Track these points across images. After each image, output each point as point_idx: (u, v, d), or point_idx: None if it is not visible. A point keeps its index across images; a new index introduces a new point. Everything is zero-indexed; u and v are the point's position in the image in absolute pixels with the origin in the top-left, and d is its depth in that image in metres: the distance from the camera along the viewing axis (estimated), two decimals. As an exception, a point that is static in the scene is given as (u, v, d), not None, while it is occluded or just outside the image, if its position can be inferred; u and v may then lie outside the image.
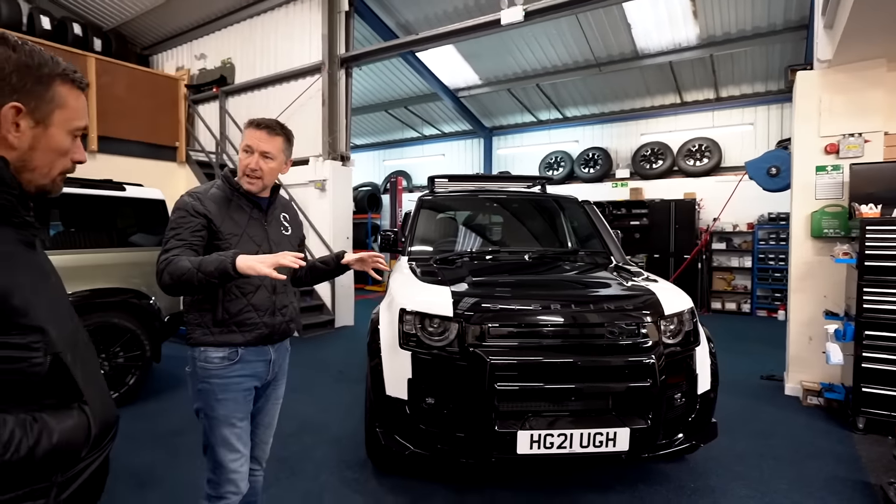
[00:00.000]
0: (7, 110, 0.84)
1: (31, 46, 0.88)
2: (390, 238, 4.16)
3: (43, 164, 0.91)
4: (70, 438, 0.84)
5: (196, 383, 1.80)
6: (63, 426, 0.83)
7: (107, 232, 4.39)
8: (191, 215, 1.75)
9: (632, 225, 9.82)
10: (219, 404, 1.78)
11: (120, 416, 1.05)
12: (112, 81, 7.16)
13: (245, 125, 1.88)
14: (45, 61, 0.89)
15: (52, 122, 0.91)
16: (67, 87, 0.92)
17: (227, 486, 1.81)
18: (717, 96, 9.72)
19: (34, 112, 0.88)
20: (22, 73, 0.86)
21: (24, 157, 0.89)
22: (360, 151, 14.67)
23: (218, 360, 1.78)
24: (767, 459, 3.23)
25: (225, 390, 1.79)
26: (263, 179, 1.85)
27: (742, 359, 5.81)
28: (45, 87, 0.89)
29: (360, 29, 8.68)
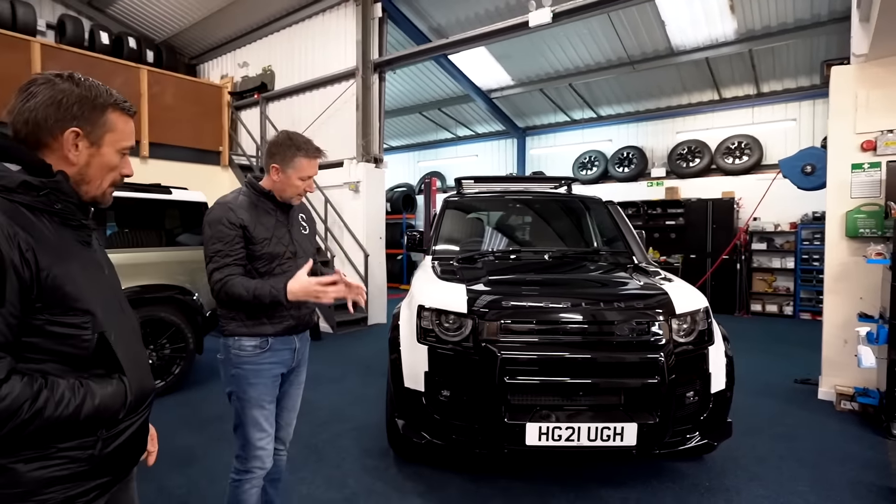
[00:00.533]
0: (68, 134, 1.04)
1: (90, 82, 1.08)
2: (416, 238, 4.32)
3: (96, 177, 1.10)
4: (109, 403, 1.03)
5: (229, 369, 1.97)
6: (104, 392, 1.02)
7: (156, 232, 4.74)
8: (227, 228, 1.90)
9: (667, 225, 9.67)
10: (250, 388, 1.96)
11: (155, 389, 1.24)
12: (161, 91, 7.65)
13: (299, 154, 1.96)
14: (100, 93, 1.08)
15: (104, 143, 1.09)
16: (117, 114, 1.11)
17: (254, 462, 1.98)
18: (757, 91, 9.42)
19: (90, 135, 1.07)
20: (82, 104, 1.05)
21: (82, 171, 1.08)
22: (395, 153, 14.96)
23: (250, 349, 1.95)
24: (789, 462, 3.19)
25: (256, 375, 1.96)
26: None
27: (778, 362, 5.67)
28: (99, 115, 1.08)
29: (394, 34, 8.91)
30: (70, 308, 0.99)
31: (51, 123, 1.02)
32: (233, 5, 9.24)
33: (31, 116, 1.01)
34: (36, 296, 0.95)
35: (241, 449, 2.00)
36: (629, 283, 3.02)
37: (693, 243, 9.37)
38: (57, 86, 1.02)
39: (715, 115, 9.94)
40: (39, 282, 0.95)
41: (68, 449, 0.99)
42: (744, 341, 6.82)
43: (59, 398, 0.94)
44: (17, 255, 0.91)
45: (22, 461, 0.94)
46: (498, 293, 2.83)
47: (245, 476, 1.99)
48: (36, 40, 6.89)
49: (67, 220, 1.05)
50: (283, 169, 1.98)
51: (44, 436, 0.95)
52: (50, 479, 0.97)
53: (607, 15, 7.75)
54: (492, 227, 4.66)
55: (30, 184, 0.97)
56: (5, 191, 0.95)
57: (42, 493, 0.96)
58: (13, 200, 0.95)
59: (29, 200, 0.98)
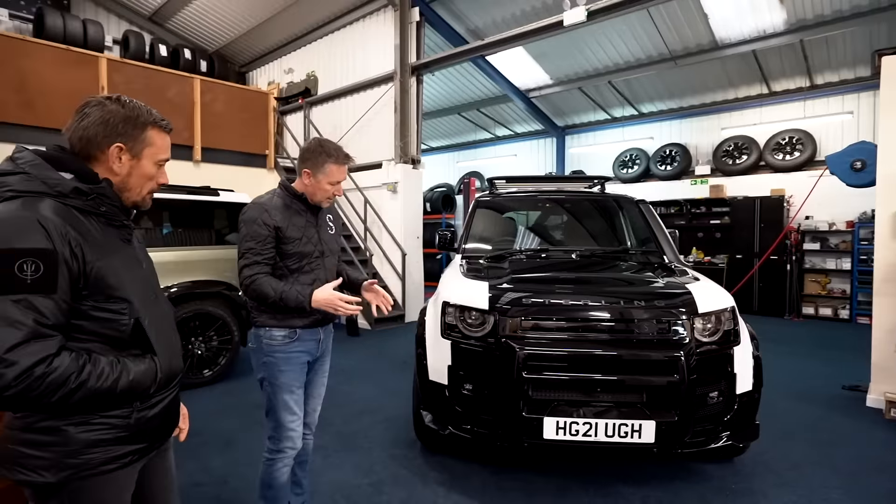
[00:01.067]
0: (113, 149, 1.21)
1: (133, 103, 1.25)
2: (447, 237, 4.43)
3: (136, 186, 1.27)
4: (141, 379, 1.19)
5: (261, 357, 2.13)
6: (138, 369, 1.19)
7: (205, 231, 5.08)
8: (261, 228, 2.04)
9: (712, 224, 9.37)
10: (281, 374, 2.11)
11: (183, 370, 1.41)
12: (213, 98, 8.11)
13: (329, 161, 2.09)
14: (141, 113, 1.25)
15: (144, 156, 1.26)
16: (156, 131, 1.27)
17: (285, 443, 2.14)
18: (810, 84, 8.97)
19: (131, 150, 1.24)
20: (126, 122, 1.22)
21: (124, 181, 1.25)
22: (434, 154, 15.14)
23: (280, 338, 2.11)
24: (824, 468, 3.09)
25: (286, 362, 2.12)
26: None
27: (826, 366, 5.43)
28: (140, 132, 1.24)
29: (431, 37, 9.06)
30: (111, 296, 1.16)
31: (100, 139, 1.19)
32: (279, 14, 9.66)
33: (84, 133, 1.19)
34: (83, 285, 1.12)
35: (273, 431, 2.15)
36: (653, 282, 3.01)
37: (739, 243, 9.03)
38: (106, 107, 1.20)
39: (763, 110, 9.53)
40: (86, 273, 1.12)
41: (109, 417, 1.17)
42: (790, 345, 6.55)
43: (100, 372, 1.11)
44: (67, 251, 1.08)
45: (72, 424, 1.12)
46: (520, 291, 2.90)
47: (277, 455, 2.15)
48: (103, 56, 7.46)
49: (111, 220, 1.22)
50: (314, 174, 2.11)
51: (87, 404, 1.11)
52: (95, 441, 1.15)
53: (646, 10, 7.60)
54: (522, 226, 4.71)
55: (80, 190, 1.15)
56: (60, 196, 1.12)
57: (88, 452, 1.14)
58: (66, 204, 1.13)
59: (79, 204, 1.15)
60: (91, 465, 1.14)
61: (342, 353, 5.98)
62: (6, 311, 1.00)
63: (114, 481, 1.19)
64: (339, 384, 4.80)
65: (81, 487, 1.14)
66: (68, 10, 9.81)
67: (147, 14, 10.65)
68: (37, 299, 1.03)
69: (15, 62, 6.65)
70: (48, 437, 1.11)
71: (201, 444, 3.37)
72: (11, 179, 1.10)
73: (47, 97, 6.88)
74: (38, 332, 1.03)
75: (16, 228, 1.03)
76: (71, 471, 1.12)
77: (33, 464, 1.10)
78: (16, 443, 1.12)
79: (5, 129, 6.67)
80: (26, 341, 1.01)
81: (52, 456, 1.11)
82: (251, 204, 2.13)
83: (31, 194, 1.09)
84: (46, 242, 1.05)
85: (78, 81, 7.14)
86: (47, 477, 1.11)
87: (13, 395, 0.99)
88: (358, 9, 8.90)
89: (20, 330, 1.00)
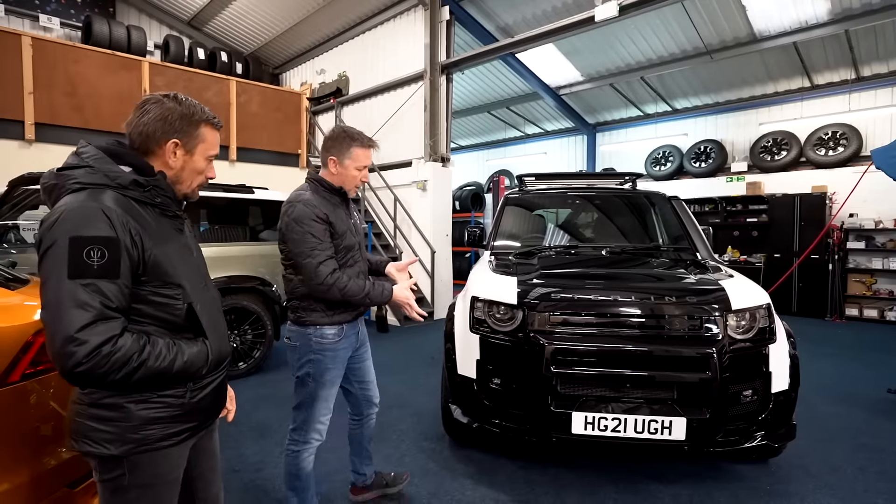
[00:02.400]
0: (170, 144, 1.29)
1: (189, 101, 1.33)
2: (476, 234, 4.45)
3: (188, 179, 1.36)
4: (194, 360, 1.28)
5: (307, 354, 2.14)
6: (191, 351, 1.27)
7: (241, 228, 5.24)
8: (318, 222, 2.03)
9: (748, 222, 9.10)
10: (328, 371, 2.17)
11: (231, 354, 1.49)
12: (248, 100, 8.36)
13: (354, 144, 2.11)
14: (196, 111, 1.33)
15: (196, 151, 1.34)
16: (208, 128, 1.35)
17: (313, 434, 2.21)
18: (856, 76, 8.60)
19: (186, 145, 1.32)
20: (182, 119, 1.30)
21: (177, 174, 1.33)
22: (464, 152, 15.17)
23: (331, 336, 2.15)
24: (868, 473, 2.98)
25: (334, 360, 2.18)
26: None
27: (870, 370, 5.21)
28: (194, 129, 1.32)
29: (461, 35, 9.08)
30: (166, 282, 1.24)
31: (158, 135, 1.28)
32: (311, 17, 9.85)
33: (144, 129, 1.27)
34: (141, 271, 1.20)
35: (302, 423, 2.21)
36: (684, 279, 2.97)
37: (778, 242, 8.74)
38: (164, 105, 1.28)
39: (805, 104, 9.19)
40: (144, 260, 1.20)
41: (165, 396, 1.26)
42: (832, 347, 6.31)
43: (158, 353, 1.19)
44: (128, 239, 1.16)
45: (133, 402, 1.21)
46: (548, 286, 2.90)
47: (304, 446, 2.21)
48: (145, 60, 7.78)
49: (165, 211, 1.31)
50: (341, 160, 2.13)
51: (146, 383, 1.20)
52: (153, 419, 1.23)
53: (681, 3, 7.43)
54: (552, 223, 4.69)
55: (138, 182, 1.23)
56: (120, 188, 1.21)
57: (147, 428, 1.23)
58: (126, 195, 1.21)
59: (137, 195, 1.23)
60: (149, 441, 1.23)
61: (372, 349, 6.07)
62: (76, 295, 1.08)
63: (169, 456, 1.28)
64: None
65: (140, 461, 1.22)
66: (114, 16, 10.27)
67: (186, 19, 11.03)
68: (103, 283, 1.11)
69: (66, 68, 7.01)
70: (112, 412, 1.20)
71: (238, 433, 3.49)
72: (77, 172, 1.19)
73: (95, 100, 7.23)
74: (105, 314, 1.11)
75: (83, 218, 1.11)
76: (131, 445, 1.21)
77: (99, 437, 1.20)
78: (84, 417, 1.21)
79: (57, 131, 7.03)
80: (94, 322, 1.09)
81: (115, 430, 1.20)
82: (294, 202, 2.08)
83: (94, 186, 1.18)
84: (110, 231, 1.13)
85: (122, 85, 7.46)
86: (111, 449, 1.20)
87: (83, 372, 1.08)
88: (388, 9, 9.00)
89: (89, 312, 1.09)
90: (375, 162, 8.88)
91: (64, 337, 1.06)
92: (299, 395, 2.21)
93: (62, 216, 1.11)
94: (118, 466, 1.21)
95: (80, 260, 1.09)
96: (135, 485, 1.23)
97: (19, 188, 3.94)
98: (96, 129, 7.29)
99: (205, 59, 10.35)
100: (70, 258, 1.08)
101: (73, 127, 7.07)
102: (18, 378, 1.56)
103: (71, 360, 1.06)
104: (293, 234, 2.03)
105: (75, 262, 1.08)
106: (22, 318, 1.64)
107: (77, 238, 1.09)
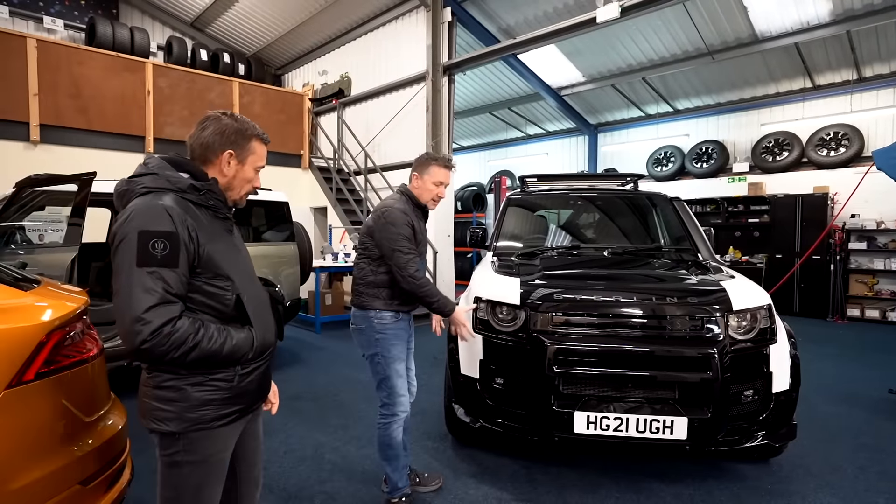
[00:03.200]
0: (225, 155, 1.46)
1: (242, 118, 1.51)
2: (478, 234, 4.47)
3: (238, 186, 1.51)
4: (241, 345, 1.41)
5: (373, 335, 2.48)
6: (239, 336, 1.41)
7: (244, 228, 5.27)
8: (408, 227, 2.43)
9: (750, 223, 9.13)
10: (393, 347, 2.49)
11: (276, 344, 1.64)
12: (251, 100, 8.40)
13: (433, 163, 2.53)
14: (249, 127, 1.50)
15: (247, 162, 1.50)
16: (258, 142, 1.52)
17: (399, 407, 2.49)
18: (858, 76, 8.60)
19: (238, 156, 1.48)
20: (237, 133, 1.47)
21: (230, 182, 1.49)
22: (465, 153, 15.19)
23: (389, 318, 2.49)
24: (869, 473, 3.00)
25: (396, 337, 2.51)
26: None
27: (872, 370, 5.23)
28: (246, 141, 1.49)
29: (463, 36, 9.11)
30: (218, 274, 1.39)
31: (216, 147, 1.45)
32: (314, 18, 9.89)
33: (204, 141, 1.45)
34: (196, 263, 1.35)
35: (387, 398, 2.51)
36: (686, 279, 2.99)
37: (779, 242, 8.76)
38: (222, 121, 1.47)
39: (806, 105, 9.20)
40: (199, 254, 1.35)
41: (217, 380, 1.39)
42: (834, 347, 6.34)
43: (210, 335, 1.34)
44: (186, 234, 1.32)
45: (189, 385, 1.35)
46: (551, 287, 2.92)
47: (392, 419, 2.49)
48: (149, 61, 7.82)
49: (217, 213, 1.47)
50: (421, 175, 2.54)
51: (199, 363, 1.33)
52: (207, 400, 1.37)
53: (682, 4, 7.45)
54: (554, 224, 4.71)
55: (194, 186, 1.40)
56: (180, 191, 1.37)
57: (202, 408, 1.37)
58: (184, 198, 1.38)
59: (193, 198, 1.39)
60: (204, 420, 1.37)
61: (374, 349, 6.10)
62: (142, 281, 1.24)
63: (221, 436, 1.42)
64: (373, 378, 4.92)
65: (196, 438, 1.37)
66: (117, 18, 10.32)
67: (189, 20, 11.08)
68: (164, 272, 1.27)
69: (70, 69, 7.04)
70: (172, 394, 1.34)
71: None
72: (145, 179, 1.37)
73: (99, 101, 7.27)
74: (166, 298, 1.27)
75: (150, 216, 1.28)
76: (189, 423, 1.35)
77: (161, 415, 1.34)
78: (149, 398, 1.36)
79: (62, 132, 7.08)
80: (157, 305, 1.25)
81: (175, 410, 1.34)
82: (391, 207, 2.46)
83: (158, 190, 1.35)
84: (171, 226, 1.29)
85: (126, 86, 7.51)
86: (172, 427, 1.34)
87: (146, 349, 1.24)
88: (390, 10, 9.03)
89: (153, 296, 1.24)
90: (377, 162, 8.92)
91: (132, 317, 1.22)
92: (376, 375, 2.53)
93: (132, 214, 1.29)
94: (176, 443, 1.36)
95: (146, 251, 1.25)
96: (188, 461, 1.37)
97: (26, 189, 3.98)
98: (100, 131, 7.34)
99: (207, 60, 10.39)
100: (138, 249, 1.25)
101: (77, 128, 7.12)
102: (32, 377, 1.60)
103: (138, 338, 1.22)
104: (388, 234, 2.41)
105: (142, 252, 1.25)
106: (34, 319, 1.67)
107: (144, 232, 1.26)
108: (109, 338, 4.20)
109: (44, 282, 2.12)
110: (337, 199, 8.91)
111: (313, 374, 5.07)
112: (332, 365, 5.41)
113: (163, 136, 7.88)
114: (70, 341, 1.78)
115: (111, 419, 1.98)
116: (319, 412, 3.97)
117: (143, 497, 2.52)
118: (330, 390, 4.54)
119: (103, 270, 5.34)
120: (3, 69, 6.51)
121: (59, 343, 1.71)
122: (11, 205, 3.94)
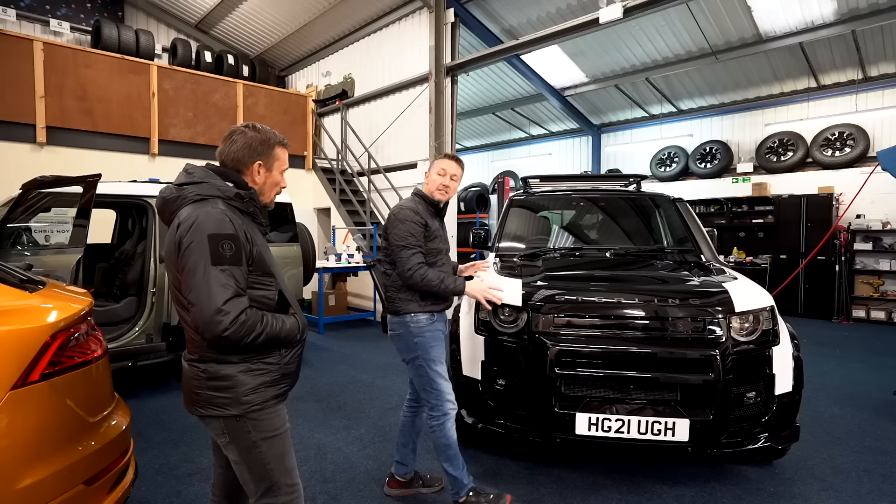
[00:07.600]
0: (255, 165, 1.61)
1: (265, 128, 1.64)
2: (480, 235, 4.47)
3: (268, 191, 1.68)
4: (292, 329, 1.58)
5: (411, 339, 2.50)
6: (290, 321, 1.59)
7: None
8: (416, 226, 2.47)
9: (754, 223, 9.08)
10: (432, 349, 2.50)
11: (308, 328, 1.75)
12: (255, 102, 8.43)
13: (437, 157, 2.64)
14: (271, 136, 1.63)
15: (274, 168, 1.65)
16: (281, 148, 1.66)
17: (447, 405, 2.49)
18: (863, 76, 8.56)
19: (266, 164, 1.63)
20: (262, 144, 1.61)
21: (261, 188, 1.65)
22: (468, 153, 15.19)
23: (425, 320, 2.51)
24: (873, 476, 2.98)
25: (434, 339, 2.53)
26: (449, 193, 2.60)
27: (877, 372, 5.20)
28: (271, 150, 1.63)
29: (466, 37, 9.11)
30: (265, 272, 1.56)
31: (246, 159, 1.60)
32: (317, 19, 9.92)
33: (235, 155, 1.59)
34: (250, 262, 1.51)
35: (435, 399, 2.50)
36: (688, 281, 2.98)
37: (784, 243, 8.72)
38: (247, 134, 1.60)
39: (811, 105, 9.16)
40: (252, 254, 1.51)
41: (266, 364, 1.54)
42: (839, 349, 6.30)
43: (272, 321, 1.51)
44: (243, 236, 1.48)
45: (241, 371, 1.50)
46: (553, 288, 2.93)
47: (444, 418, 2.48)
48: (153, 63, 7.87)
49: (255, 218, 1.61)
50: (429, 171, 2.64)
51: (264, 345, 1.49)
52: (257, 385, 1.52)
53: (686, 4, 7.43)
54: (557, 225, 4.71)
55: (240, 195, 1.56)
56: (228, 199, 1.53)
57: (256, 391, 1.52)
58: (231, 205, 1.52)
59: (239, 205, 1.55)
60: (260, 401, 1.52)
61: (378, 350, 6.13)
62: (219, 277, 1.40)
63: (279, 412, 1.60)
64: (375, 379, 4.94)
65: (259, 416, 1.53)
66: (122, 21, 10.39)
67: (193, 22, 11.14)
68: (233, 269, 1.43)
69: (76, 72, 7.10)
70: (226, 382, 1.49)
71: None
72: (195, 187, 1.51)
73: (104, 103, 7.32)
74: (238, 291, 1.42)
75: (217, 220, 1.44)
76: (246, 405, 1.50)
77: (220, 402, 1.50)
78: (205, 389, 1.50)
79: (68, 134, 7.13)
80: (232, 298, 1.40)
81: (232, 395, 1.49)
82: (403, 207, 2.55)
83: (211, 197, 1.50)
84: (233, 230, 1.46)
85: (131, 88, 7.55)
86: (233, 411, 1.49)
87: (228, 335, 1.39)
88: (393, 11, 9.04)
89: (228, 290, 1.40)
90: (380, 163, 8.94)
91: (214, 309, 1.37)
92: (419, 378, 2.53)
93: (198, 220, 1.43)
94: (241, 426, 1.51)
95: (218, 251, 1.41)
96: (263, 438, 1.53)
97: (33, 191, 4.01)
98: (106, 133, 7.39)
99: (212, 62, 10.44)
100: (211, 250, 1.40)
101: (83, 130, 7.17)
102: (38, 378, 1.61)
103: (220, 327, 1.37)
104: (395, 230, 2.47)
105: (215, 253, 1.40)
106: (40, 320, 1.69)
107: (214, 235, 1.42)
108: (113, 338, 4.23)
109: (49, 283, 2.14)
110: (340, 200, 8.93)
111: (316, 374, 5.09)
112: (335, 366, 5.43)
113: (167, 138, 7.93)
114: (75, 342, 1.80)
115: (115, 419, 1.99)
116: (322, 413, 3.98)
117: (146, 497, 2.54)
118: (333, 391, 4.56)
119: (108, 271, 5.37)
120: (11, 72, 6.57)
121: (64, 344, 1.73)
122: (18, 206, 3.97)
